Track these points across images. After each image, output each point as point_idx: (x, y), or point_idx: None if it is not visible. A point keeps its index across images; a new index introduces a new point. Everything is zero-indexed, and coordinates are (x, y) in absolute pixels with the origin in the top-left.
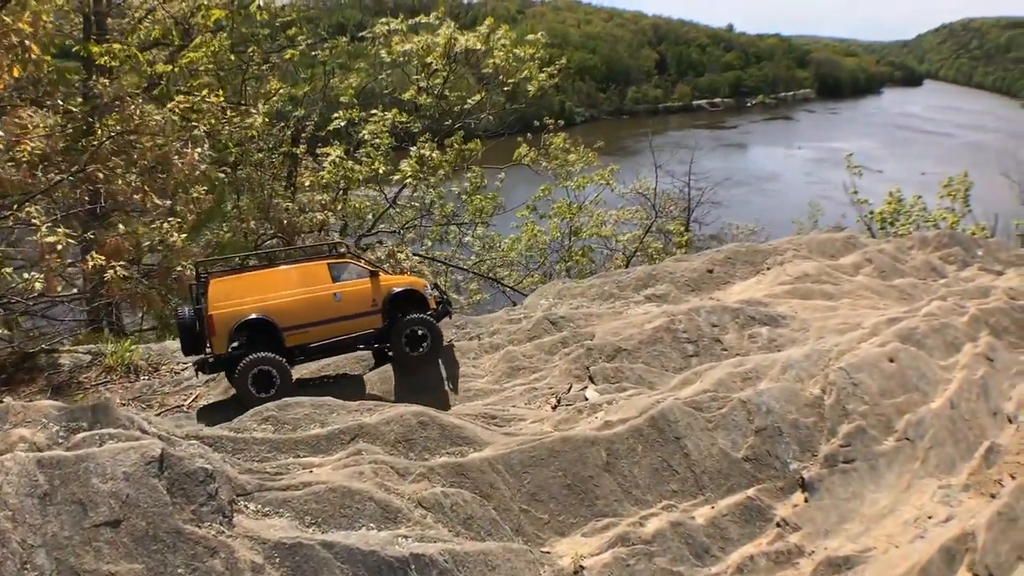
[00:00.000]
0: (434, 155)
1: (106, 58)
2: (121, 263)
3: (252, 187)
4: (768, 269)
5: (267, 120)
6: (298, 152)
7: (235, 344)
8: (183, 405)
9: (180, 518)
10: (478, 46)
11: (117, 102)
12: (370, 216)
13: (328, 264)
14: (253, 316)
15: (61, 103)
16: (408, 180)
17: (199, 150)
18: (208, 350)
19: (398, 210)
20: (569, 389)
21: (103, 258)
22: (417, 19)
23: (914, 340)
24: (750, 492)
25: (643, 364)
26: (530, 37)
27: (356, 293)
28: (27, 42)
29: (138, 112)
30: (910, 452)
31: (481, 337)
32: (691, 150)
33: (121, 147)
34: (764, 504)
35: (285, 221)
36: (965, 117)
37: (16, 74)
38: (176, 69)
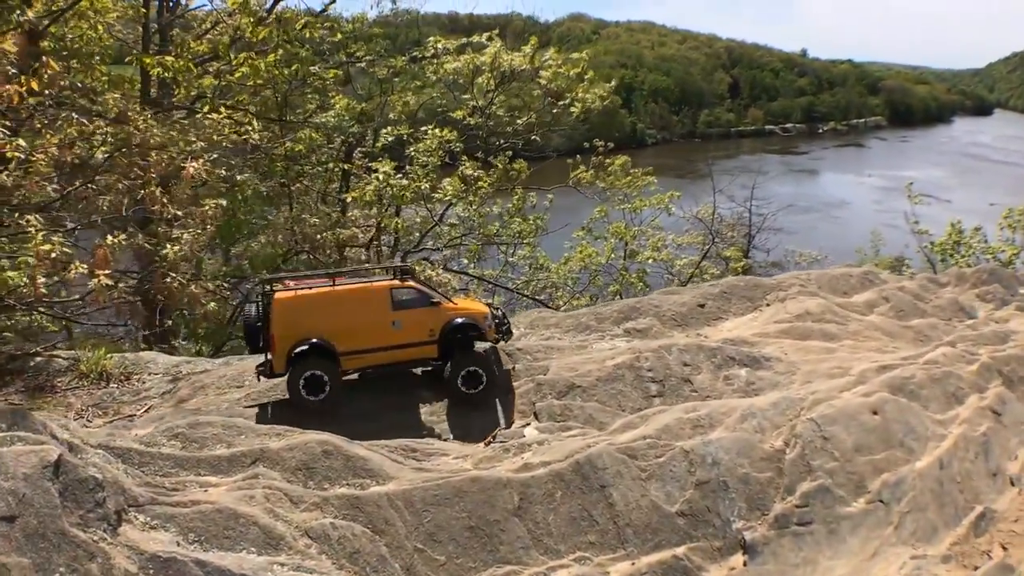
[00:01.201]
0: (478, 174)
1: (159, 70)
2: (106, 272)
3: (294, 202)
4: (767, 305)
5: (320, 136)
6: (348, 168)
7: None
8: (135, 415)
9: (68, 521)
10: (524, 65)
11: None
12: (417, 233)
13: (391, 289)
14: (313, 340)
15: (99, 113)
16: (449, 198)
17: (194, 164)
18: (268, 358)
19: (447, 228)
20: (509, 425)
21: (84, 267)
22: (468, 39)
23: (907, 390)
24: (680, 550)
25: (597, 403)
26: (574, 56)
27: (414, 322)
28: (44, 57)
29: (142, 126)
30: (882, 516)
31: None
32: (754, 174)
33: (130, 161)
34: (693, 565)
35: (318, 237)
36: None
37: (36, 87)
38: (222, 83)
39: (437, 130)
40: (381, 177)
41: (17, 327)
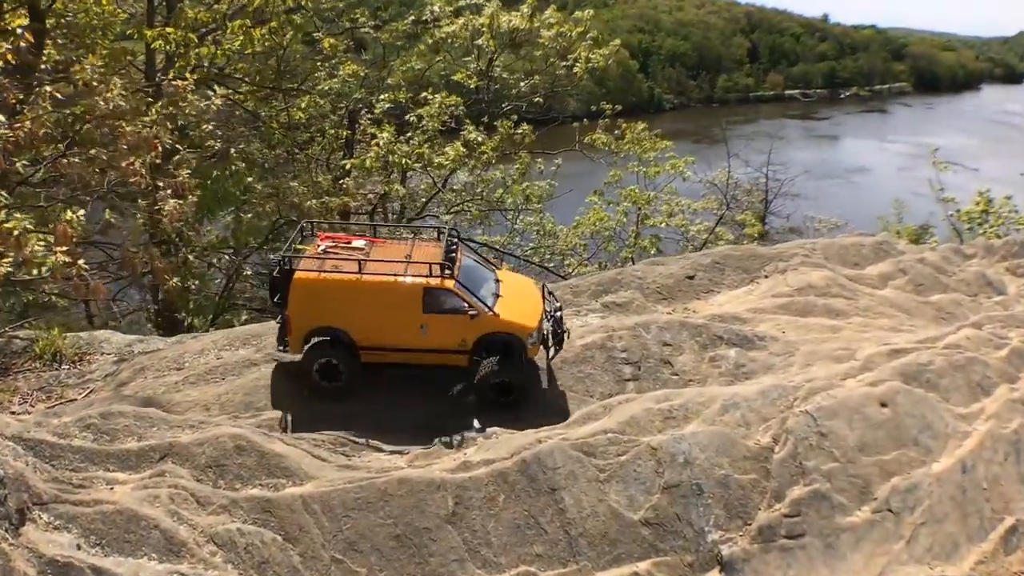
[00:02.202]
0: (480, 139)
1: (160, 42)
2: (64, 248)
3: (301, 170)
4: (765, 277)
5: (326, 103)
6: (349, 135)
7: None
8: (76, 399)
9: None
10: (523, 25)
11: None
12: (423, 199)
13: (425, 289)
14: (331, 327)
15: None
16: (451, 164)
17: (147, 131)
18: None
19: (452, 195)
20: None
21: (40, 245)
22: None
23: (923, 379)
24: (642, 566)
25: (566, 390)
26: (577, 15)
27: (445, 329)
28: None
29: (107, 95)
30: (891, 528)
31: None
32: (771, 139)
33: (99, 132)
34: None
35: (306, 205)
36: None
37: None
38: (220, 53)
39: (439, 95)
40: (382, 144)
41: None
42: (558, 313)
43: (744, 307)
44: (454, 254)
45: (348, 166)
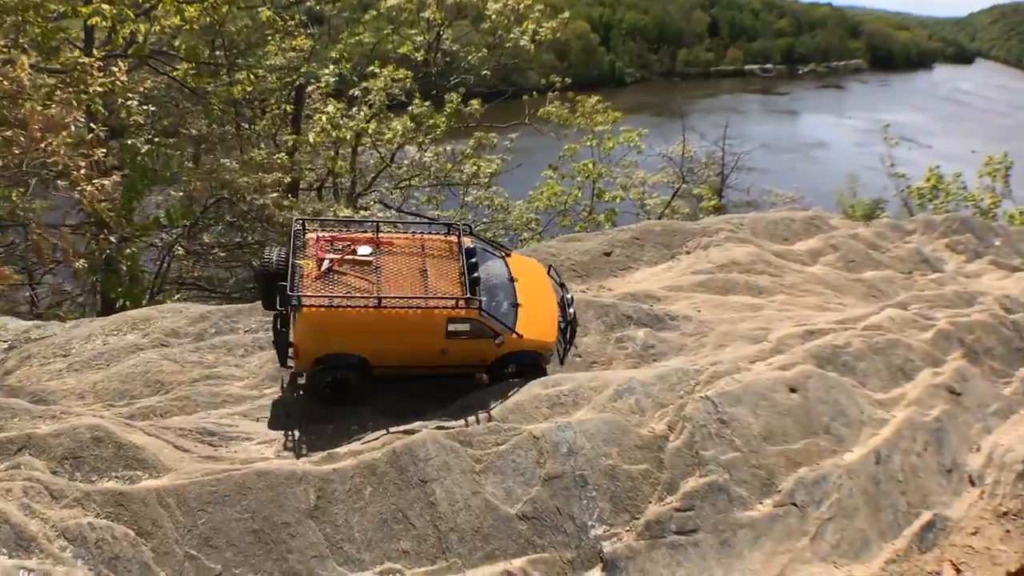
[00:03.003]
0: (427, 114)
1: (96, 19)
2: None
3: (239, 147)
4: (687, 253)
5: (262, 79)
6: (293, 111)
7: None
8: None
9: None
10: None
11: None
12: (371, 175)
13: (448, 318)
14: (345, 353)
15: None
16: (398, 140)
17: (55, 110)
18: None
19: (402, 169)
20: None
21: None
22: None
23: (839, 362)
24: (517, 563)
25: None
26: None
27: (467, 352)
28: None
29: (11, 75)
30: (794, 523)
31: (254, 330)
32: (729, 114)
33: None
34: None
35: (240, 182)
36: (1019, 97)
37: None
38: (156, 29)
39: (386, 69)
40: (324, 119)
41: None
42: (570, 308)
43: (660, 285)
44: (475, 268)
45: (291, 142)
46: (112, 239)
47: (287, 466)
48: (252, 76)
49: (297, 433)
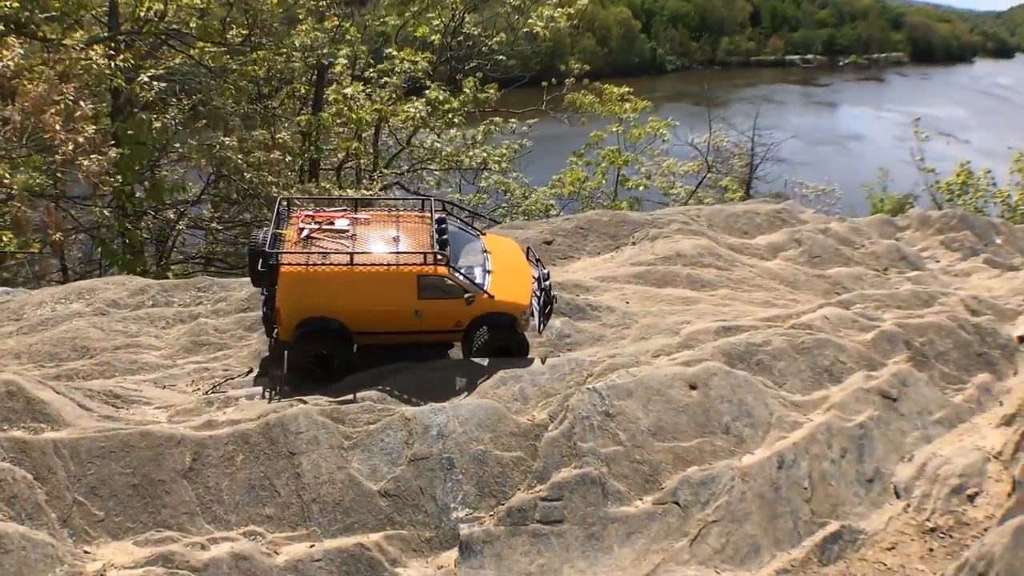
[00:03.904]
0: (445, 98)
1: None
2: None
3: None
4: (633, 244)
5: (282, 58)
6: (309, 91)
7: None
8: None
9: None
10: None
11: None
12: (390, 157)
13: (419, 275)
14: (323, 316)
15: None
16: (413, 123)
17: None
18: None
19: (423, 152)
20: (248, 372)
21: None
22: None
23: (752, 361)
24: (374, 538)
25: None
26: None
27: (440, 313)
28: None
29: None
30: (674, 523)
31: (186, 304)
32: (766, 103)
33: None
34: (387, 557)
35: (240, 160)
36: None
37: None
38: (177, 6)
39: (403, 52)
40: (340, 100)
41: None
42: (546, 282)
43: (595, 275)
44: (444, 232)
45: (302, 122)
46: (107, 212)
47: (168, 429)
48: (276, 56)
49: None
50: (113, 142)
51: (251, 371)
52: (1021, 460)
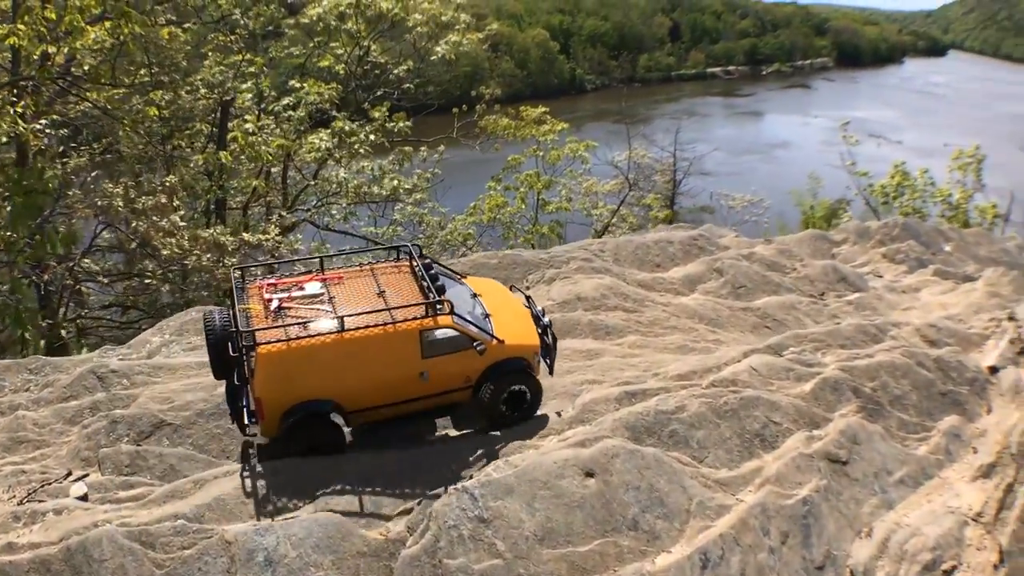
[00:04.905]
0: (352, 129)
1: (14, 38)
2: None
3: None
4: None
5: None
6: (210, 130)
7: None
8: None
9: None
10: (392, 8)
11: None
12: (293, 192)
13: (421, 332)
14: (315, 399)
15: None
16: (319, 155)
17: None
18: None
19: (332, 186)
20: (67, 476)
21: None
22: None
23: (663, 434)
24: None
25: (187, 448)
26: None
27: (449, 370)
28: None
29: None
30: None
31: (15, 389)
32: (688, 117)
33: None
34: None
35: (121, 208)
36: (999, 88)
37: None
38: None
39: (309, 83)
40: (241, 136)
41: None
42: (545, 318)
43: None
44: (437, 278)
45: (200, 161)
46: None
47: None
48: (181, 93)
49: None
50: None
51: (70, 474)
52: (1009, 522)
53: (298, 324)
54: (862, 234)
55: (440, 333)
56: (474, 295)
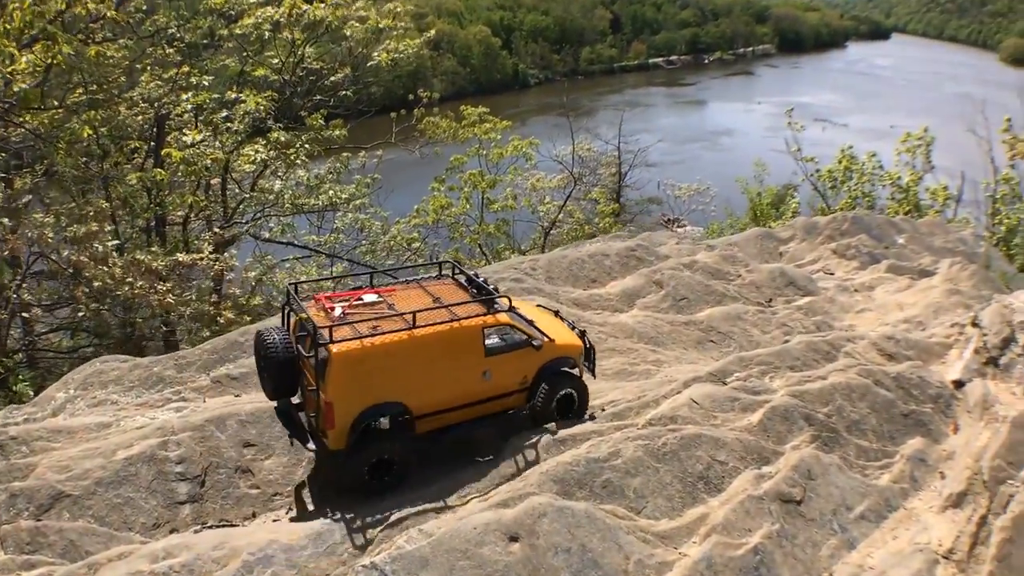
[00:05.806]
0: (284, 139)
1: None
2: None
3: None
4: None
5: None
6: (143, 146)
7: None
8: None
9: None
10: (327, 16)
11: None
12: (233, 205)
13: (483, 327)
14: (385, 402)
15: None
16: (254, 167)
17: None
18: (320, 435)
19: (269, 196)
20: None
21: None
22: None
23: (595, 485)
24: None
25: (88, 521)
26: (389, 6)
27: (509, 369)
28: None
29: None
30: None
31: None
32: (631, 109)
33: None
34: None
35: (51, 238)
36: (943, 68)
37: None
38: None
39: (245, 94)
40: (174, 151)
41: None
42: (576, 329)
43: None
44: (486, 283)
45: (133, 179)
46: None
47: None
48: (115, 111)
49: None
50: None
51: None
52: (985, 560)
53: (368, 321)
54: (810, 230)
55: (500, 331)
56: (511, 306)
